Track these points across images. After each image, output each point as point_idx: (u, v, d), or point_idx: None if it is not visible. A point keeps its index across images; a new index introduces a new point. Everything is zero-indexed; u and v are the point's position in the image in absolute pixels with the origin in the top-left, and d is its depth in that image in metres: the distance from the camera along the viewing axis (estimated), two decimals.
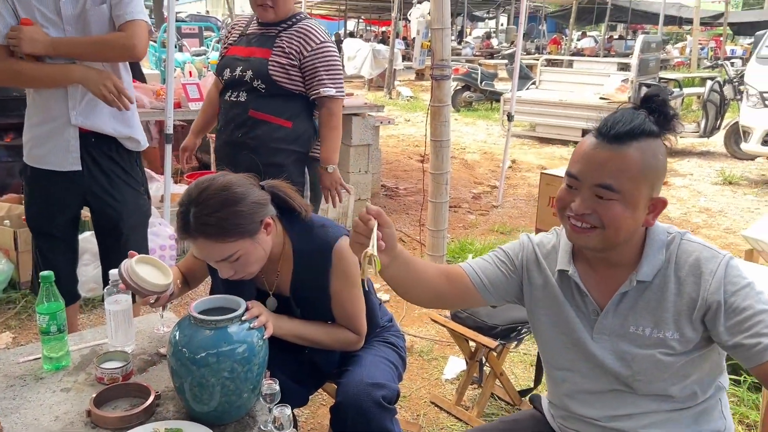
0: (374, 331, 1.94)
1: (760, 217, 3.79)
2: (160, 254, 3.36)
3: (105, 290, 1.74)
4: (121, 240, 2.45)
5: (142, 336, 1.87)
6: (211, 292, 1.95)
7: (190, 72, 5.80)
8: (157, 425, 1.43)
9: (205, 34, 13.40)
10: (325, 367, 1.89)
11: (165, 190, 3.58)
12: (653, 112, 1.29)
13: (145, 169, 4.19)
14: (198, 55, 9.77)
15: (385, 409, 1.69)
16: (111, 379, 1.59)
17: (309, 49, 2.58)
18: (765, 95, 6.73)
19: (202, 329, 1.45)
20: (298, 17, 2.66)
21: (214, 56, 10.18)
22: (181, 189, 4.05)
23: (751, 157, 7.75)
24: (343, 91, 2.68)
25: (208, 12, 26.12)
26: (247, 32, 2.71)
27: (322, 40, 2.61)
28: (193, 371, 1.42)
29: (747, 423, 2.61)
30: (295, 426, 1.47)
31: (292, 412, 1.42)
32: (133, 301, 1.80)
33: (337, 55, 2.70)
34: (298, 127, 2.65)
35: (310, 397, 1.97)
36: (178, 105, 4.07)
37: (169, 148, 3.46)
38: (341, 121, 2.71)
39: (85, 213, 2.52)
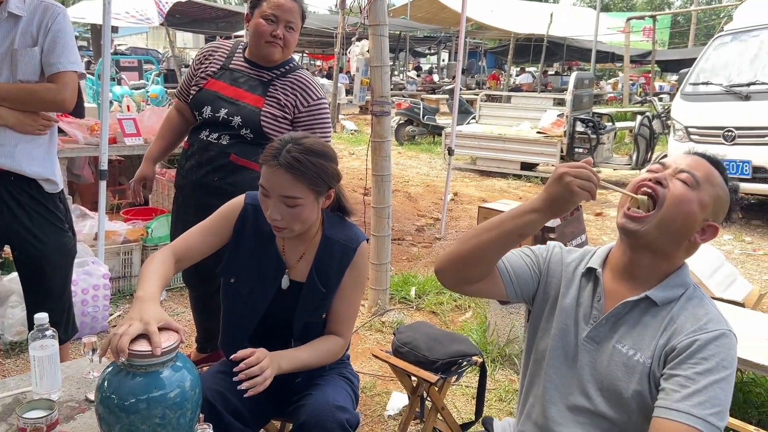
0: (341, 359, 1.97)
1: None
2: (93, 294, 3.25)
3: (29, 335, 1.67)
4: (44, 280, 2.37)
5: (71, 381, 1.79)
6: (226, 264, 1.88)
7: (128, 106, 5.70)
8: None
9: (145, 67, 13.21)
10: (290, 393, 1.89)
11: (99, 227, 3.48)
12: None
13: (79, 206, 4.10)
14: (137, 88, 9.62)
15: None
16: (34, 430, 1.51)
17: (306, 104, 2.52)
18: (690, 130, 7.08)
19: (132, 374, 1.41)
20: (291, 64, 2.59)
21: (154, 89, 10.05)
22: (117, 226, 3.94)
23: None
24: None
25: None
26: (230, 66, 2.56)
27: (320, 96, 2.56)
28: (121, 418, 1.37)
29: None
30: None
31: None
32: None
33: (329, 110, 2.65)
34: None
35: None
36: (113, 140, 3.98)
37: (103, 184, 3.38)
38: None
39: (8, 251, 2.43)
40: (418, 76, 25.71)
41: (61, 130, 3.79)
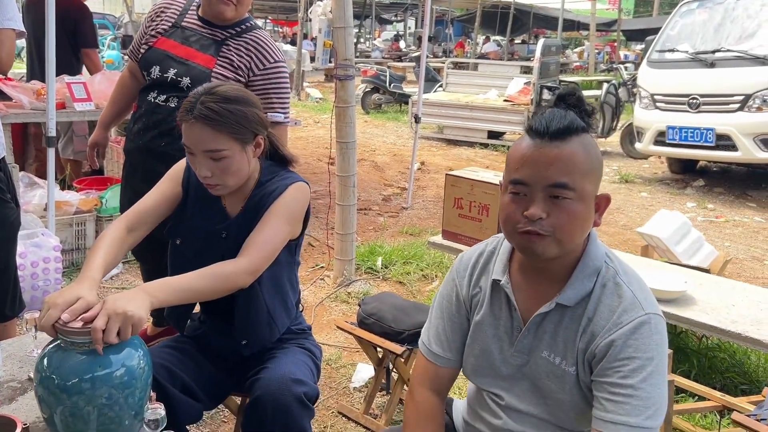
0: (292, 314, 1.87)
1: (654, 214, 3.96)
2: (44, 267, 3.10)
3: None
4: None
5: (12, 360, 1.69)
6: (172, 225, 1.80)
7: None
8: None
9: (100, 32, 12.73)
10: (247, 367, 1.79)
11: (48, 197, 3.30)
12: (572, 109, 1.26)
13: (29, 174, 3.90)
14: None
15: (305, 407, 1.63)
16: None
17: (261, 67, 2.37)
18: (656, 97, 7.08)
19: (74, 352, 1.30)
20: (248, 23, 2.43)
21: (109, 54, 9.69)
22: (69, 196, 3.77)
23: (644, 156, 8.16)
24: (289, 115, 2.48)
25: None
26: (182, 24, 2.42)
27: (277, 59, 2.40)
28: (63, 399, 1.27)
29: None
30: None
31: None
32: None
33: (288, 75, 2.49)
34: None
35: (211, 413, 1.86)
36: (62, 105, 3.77)
37: (52, 152, 3.20)
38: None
39: None
40: (396, 40, 25.39)
41: (4, 95, 3.57)
